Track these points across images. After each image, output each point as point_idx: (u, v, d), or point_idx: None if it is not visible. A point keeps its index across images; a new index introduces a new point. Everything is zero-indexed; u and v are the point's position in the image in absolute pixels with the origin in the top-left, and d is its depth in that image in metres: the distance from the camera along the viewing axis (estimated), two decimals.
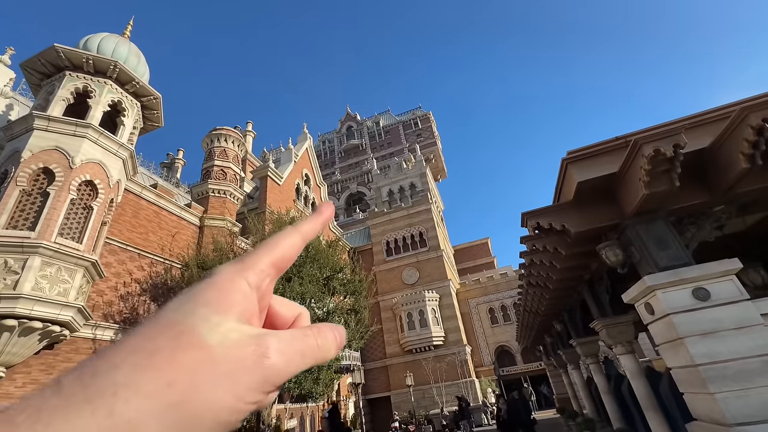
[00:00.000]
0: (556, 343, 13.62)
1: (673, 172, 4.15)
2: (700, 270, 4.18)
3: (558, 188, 5.72)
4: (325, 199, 27.62)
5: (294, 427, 17.03)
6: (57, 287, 8.25)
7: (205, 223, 14.76)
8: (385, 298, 28.99)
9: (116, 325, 10.59)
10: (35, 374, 8.51)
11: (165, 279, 12.44)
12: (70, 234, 8.87)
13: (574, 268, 7.05)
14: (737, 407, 3.56)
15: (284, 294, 10.51)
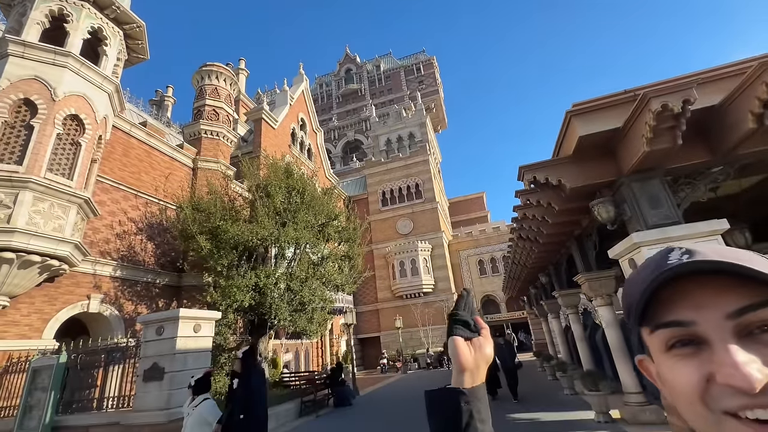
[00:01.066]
0: (540, 294, 14.30)
1: (678, 130, 4.06)
2: (688, 229, 4.26)
3: (558, 142, 5.61)
4: (321, 146, 27.00)
5: (289, 361, 18.30)
6: (51, 223, 8.26)
7: (198, 165, 14.48)
8: (378, 246, 29.67)
9: (114, 262, 10.81)
10: (39, 305, 8.84)
11: (160, 220, 12.48)
12: (60, 170, 8.68)
13: (566, 223, 7.16)
14: None
15: (279, 239, 10.66)
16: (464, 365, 0.63)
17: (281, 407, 9.96)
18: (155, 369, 6.05)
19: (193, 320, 6.52)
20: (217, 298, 9.92)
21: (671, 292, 0.40)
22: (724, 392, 0.36)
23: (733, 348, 0.36)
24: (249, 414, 3.75)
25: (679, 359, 0.39)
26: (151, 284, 11.92)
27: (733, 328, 0.37)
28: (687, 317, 0.39)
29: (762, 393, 0.34)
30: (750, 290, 0.37)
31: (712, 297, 0.38)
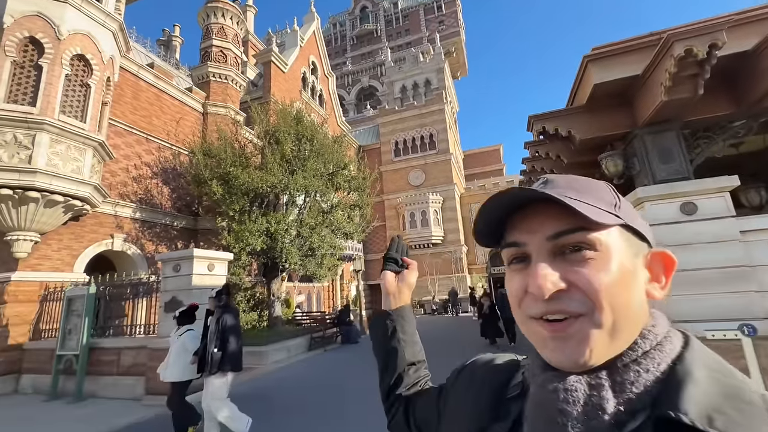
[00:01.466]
0: None
1: (700, 78, 3.79)
2: (696, 185, 4.14)
3: (573, 91, 5.32)
4: (332, 92, 26.11)
5: (302, 302, 19.49)
6: (70, 165, 8.55)
7: (207, 110, 14.35)
8: (390, 197, 29.78)
9: (133, 204, 11.27)
10: (67, 242, 9.48)
11: (174, 165, 12.72)
12: (72, 112, 8.78)
13: None
14: (686, 308, 3.94)
15: (288, 186, 10.83)
16: (389, 290, 0.81)
17: (293, 341, 10.83)
18: (174, 302, 6.58)
19: (207, 260, 6.93)
20: (230, 242, 10.41)
21: (519, 216, 0.46)
22: (530, 300, 0.43)
23: (540, 264, 0.42)
24: (223, 349, 4.04)
25: (514, 273, 0.46)
26: (169, 226, 12.49)
27: (550, 248, 0.43)
28: (521, 239, 0.45)
29: (551, 300, 0.41)
30: (568, 218, 0.42)
31: (540, 222, 0.44)
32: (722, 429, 0.34)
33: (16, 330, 8.15)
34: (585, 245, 0.42)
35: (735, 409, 0.35)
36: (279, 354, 9.95)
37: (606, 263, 0.41)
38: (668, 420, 0.36)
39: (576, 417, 0.38)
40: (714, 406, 0.36)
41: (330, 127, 23.66)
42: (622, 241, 0.43)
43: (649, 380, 0.40)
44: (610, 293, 0.40)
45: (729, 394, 0.37)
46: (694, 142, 4.65)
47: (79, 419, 5.65)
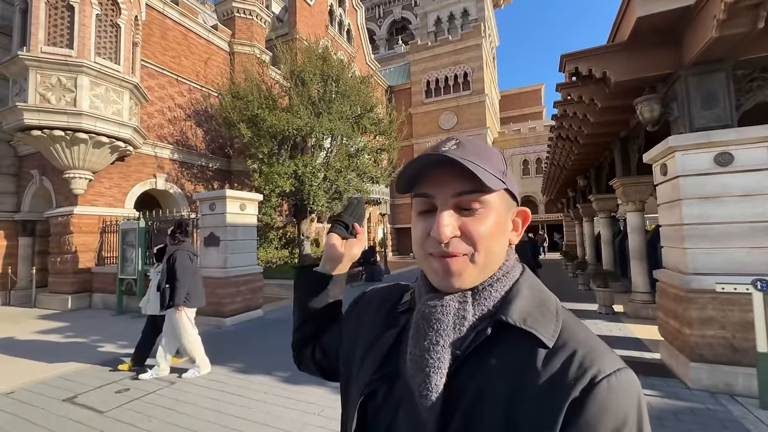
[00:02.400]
0: (577, 197, 13.97)
1: (762, 8, 3.32)
2: (736, 134, 3.83)
3: (615, 27, 4.81)
4: (361, 26, 24.57)
5: None
6: (111, 107, 9.03)
7: (234, 49, 14.15)
8: (419, 141, 29.10)
9: (170, 146, 11.90)
10: (116, 180, 10.37)
11: (205, 107, 13.02)
12: (107, 54, 9.04)
13: (610, 123, 6.59)
14: (701, 261, 3.90)
15: (314, 129, 10.89)
16: (332, 256, 0.78)
17: None
18: (212, 237, 7.26)
19: (239, 200, 7.43)
20: (261, 183, 10.92)
21: (428, 172, 0.56)
22: (431, 241, 0.55)
23: (442, 215, 0.54)
24: (172, 285, 4.22)
25: (420, 218, 0.58)
26: (205, 168, 13.18)
27: (454, 203, 0.55)
28: (431, 192, 0.56)
29: (447, 244, 0.54)
30: (470, 181, 0.52)
31: (448, 180, 0.54)
32: (530, 324, 0.52)
33: (83, 256, 9.38)
34: (478, 203, 0.54)
35: (540, 314, 0.53)
36: None
37: (488, 218, 0.54)
38: (501, 321, 0.53)
39: (447, 323, 0.54)
40: (528, 311, 0.53)
41: (358, 65, 22.72)
42: (501, 201, 0.56)
43: (497, 297, 0.56)
44: (487, 241, 0.54)
45: (538, 304, 0.55)
46: (747, 84, 4.18)
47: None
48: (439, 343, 0.52)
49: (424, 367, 0.51)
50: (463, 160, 0.51)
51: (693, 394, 3.65)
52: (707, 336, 3.81)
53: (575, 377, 0.46)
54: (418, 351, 0.53)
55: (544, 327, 0.51)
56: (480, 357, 0.52)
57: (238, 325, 7.01)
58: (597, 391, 0.45)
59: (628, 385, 0.47)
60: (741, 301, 3.68)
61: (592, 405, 0.44)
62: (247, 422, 3.24)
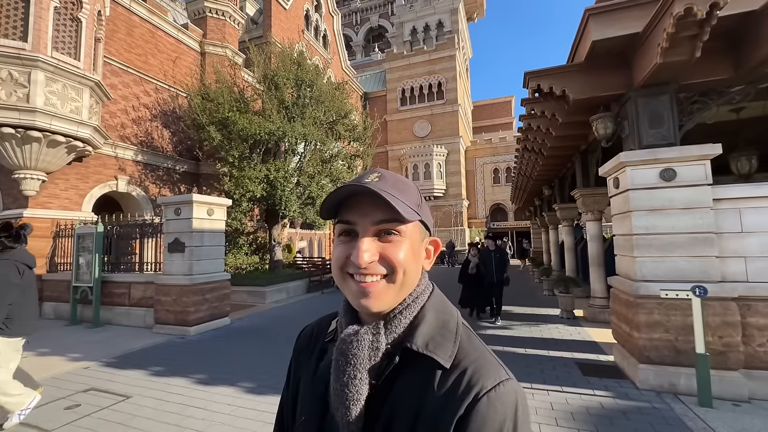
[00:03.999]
0: (543, 206, 14.57)
1: (698, 40, 3.67)
2: (679, 152, 4.18)
3: (573, 47, 5.13)
4: (338, 32, 24.64)
5: (304, 247, 20.26)
6: (68, 105, 8.55)
7: (205, 49, 13.80)
8: (394, 148, 29.41)
9: (134, 147, 11.38)
10: (73, 182, 9.79)
11: (173, 107, 12.58)
12: (65, 49, 8.57)
13: (571, 137, 6.96)
14: (648, 269, 4.20)
15: (286, 134, 10.78)
16: None
17: (292, 284, 11.52)
18: (177, 243, 7.00)
19: (206, 205, 7.22)
20: (231, 187, 10.65)
21: (352, 200, 0.61)
22: (351, 264, 0.59)
23: (363, 241, 0.58)
24: None
25: (341, 242, 0.62)
26: (172, 170, 12.70)
27: (373, 230, 0.59)
28: (353, 219, 0.60)
29: (365, 268, 0.58)
30: (389, 211, 0.57)
31: (369, 209, 0.59)
32: (431, 349, 0.57)
33: None
34: (394, 231, 0.59)
35: (441, 336, 0.59)
36: (278, 294, 10.67)
37: (404, 245, 0.59)
38: (407, 349, 0.57)
39: (362, 357, 0.57)
40: (431, 336, 0.58)
41: (334, 71, 22.72)
42: (416, 230, 0.62)
43: (405, 324, 0.60)
44: (403, 264, 0.59)
45: (441, 326, 0.60)
46: (689, 106, 4.57)
47: (99, 341, 6.34)
48: (356, 377, 0.55)
49: (344, 400, 0.55)
50: (382, 192, 0.56)
51: (641, 394, 3.89)
52: (654, 339, 4.09)
53: (462, 395, 0.51)
54: (339, 386, 0.56)
55: (443, 350, 0.56)
56: (391, 382, 0.56)
57: (203, 334, 6.77)
58: (478, 406, 0.50)
59: (506, 397, 0.52)
60: (682, 306, 3.98)
61: (475, 419, 0.50)
62: None
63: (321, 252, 22.25)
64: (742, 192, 4.04)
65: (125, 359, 5.35)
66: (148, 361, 5.26)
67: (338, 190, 0.59)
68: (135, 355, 5.58)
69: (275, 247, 12.42)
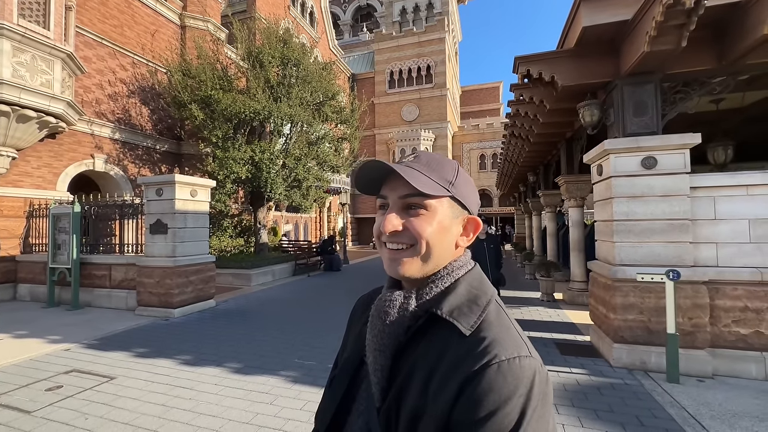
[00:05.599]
0: (528, 192, 14.81)
1: (685, 29, 3.71)
2: (660, 140, 4.29)
3: (564, 33, 5.12)
4: (325, 10, 23.86)
5: (289, 231, 20.11)
6: (38, 78, 8.07)
7: (185, 22, 13.16)
8: (381, 131, 29.13)
9: (111, 124, 10.90)
10: (46, 159, 9.35)
11: (152, 83, 12.05)
12: (33, 17, 8.01)
13: (558, 124, 7.04)
14: (627, 253, 4.36)
15: (272, 114, 10.51)
16: None
17: (278, 266, 11.48)
18: (159, 224, 6.84)
19: (189, 185, 7.05)
20: (215, 168, 10.39)
21: (388, 177, 0.66)
22: (382, 232, 0.65)
23: (390, 212, 0.64)
24: None
25: (379, 214, 0.68)
26: (152, 149, 12.28)
27: (401, 203, 0.65)
28: (385, 194, 0.67)
29: (392, 234, 0.64)
30: (409, 185, 0.61)
31: (397, 184, 0.64)
32: (455, 317, 0.59)
33: (6, 243, 8.43)
34: (419, 205, 0.63)
35: (468, 307, 0.61)
36: (264, 277, 10.63)
37: (430, 219, 0.63)
38: (433, 313, 0.61)
39: (392, 314, 0.63)
40: (457, 305, 0.61)
41: (321, 50, 22.08)
42: (446, 207, 0.65)
43: (437, 292, 0.64)
44: (428, 236, 0.63)
45: (470, 299, 0.63)
46: (672, 96, 4.66)
47: (80, 323, 6.22)
48: (385, 331, 0.62)
49: (373, 349, 0.62)
50: (401, 169, 0.61)
51: (614, 372, 4.10)
52: (628, 320, 4.28)
53: (473, 360, 0.53)
54: (371, 337, 0.64)
55: (466, 319, 0.59)
56: (416, 342, 0.61)
57: (188, 316, 6.72)
58: (487, 371, 0.51)
59: (520, 371, 0.51)
60: (657, 289, 4.17)
61: (481, 383, 0.51)
62: (194, 414, 3.17)
63: (307, 235, 22.16)
64: (717, 181, 4.20)
65: (108, 341, 5.28)
66: (132, 342, 5.21)
67: (366, 169, 0.65)
68: (118, 336, 5.51)
69: (260, 229, 12.28)
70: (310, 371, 4.13)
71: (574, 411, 3.23)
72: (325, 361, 4.41)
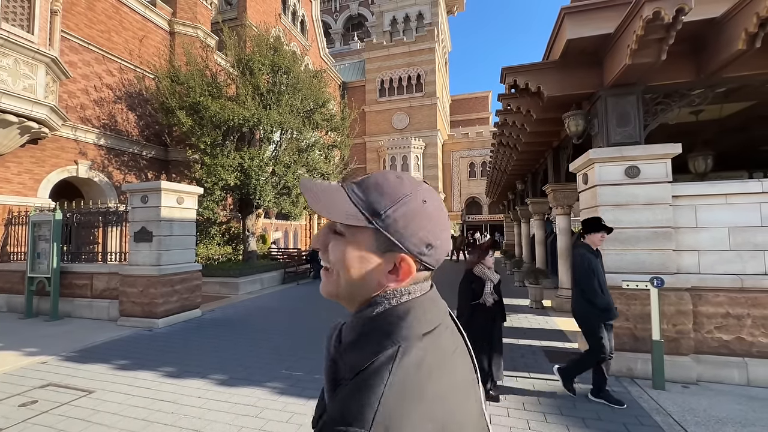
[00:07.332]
0: (516, 200, 14.99)
1: (665, 43, 3.83)
2: (643, 150, 4.39)
3: (549, 44, 5.24)
4: (316, 18, 24.04)
5: (279, 238, 19.91)
6: (21, 82, 7.90)
7: (174, 29, 13.10)
8: (372, 139, 29.26)
9: (96, 130, 10.71)
10: (27, 165, 9.10)
11: (139, 89, 11.90)
12: (17, 21, 7.88)
13: (545, 133, 7.16)
14: (613, 261, 4.42)
15: (261, 121, 10.47)
16: None
17: (266, 275, 11.33)
18: (144, 232, 6.70)
19: (176, 193, 6.93)
20: (202, 175, 10.27)
21: None
22: None
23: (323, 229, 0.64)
24: None
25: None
26: (138, 156, 12.08)
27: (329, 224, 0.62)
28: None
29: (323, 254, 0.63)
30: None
31: None
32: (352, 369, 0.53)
33: None
34: (341, 230, 0.59)
35: (364, 358, 0.55)
36: (252, 286, 10.47)
37: (346, 245, 0.58)
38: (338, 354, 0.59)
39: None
40: (355, 359, 0.54)
41: (312, 58, 22.19)
42: (367, 238, 0.57)
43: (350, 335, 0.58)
44: (340, 262, 0.59)
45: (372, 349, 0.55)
46: (653, 107, 4.79)
47: (58, 335, 6.01)
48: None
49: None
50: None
51: None
52: (615, 327, 4.32)
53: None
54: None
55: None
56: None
57: (173, 326, 6.56)
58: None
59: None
60: (642, 296, 4.23)
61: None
62: (176, 429, 3.07)
63: (297, 243, 21.97)
64: (698, 190, 4.31)
65: (87, 353, 5.11)
66: (113, 354, 5.05)
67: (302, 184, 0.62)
68: (98, 348, 5.34)
69: (249, 237, 12.13)
70: (298, 382, 4.05)
71: (562, 419, 3.23)
72: (312, 372, 4.34)
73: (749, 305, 4.03)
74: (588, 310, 3.57)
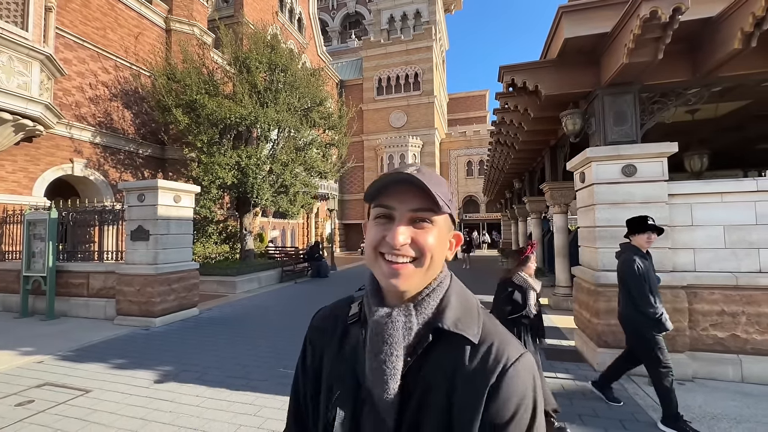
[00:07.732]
0: (513, 198, 15.03)
1: (661, 42, 3.85)
2: (640, 149, 4.41)
3: (547, 44, 5.25)
4: (313, 16, 23.94)
5: (276, 237, 19.87)
6: (15, 79, 7.83)
7: (170, 26, 13.00)
8: (369, 137, 29.22)
9: (92, 128, 10.63)
10: (22, 163, 9.03)
11: (135, 87, 11.82)
12: (10, 17, 7.79)
13: (542, 132, 7.17)
14: (609, 259, 4.43)
15: (258, 119, 10.43)
16: None
17: (264, 273, 11.31)
18: (141, 230, 6.67)
19: (172, 191, 6.90)
20: (200, 174, 10.22)
21: (392, 188, 0.64)
22: (385, 244, 0.63)
23: (400, 226, 0.63)
24: None
25: (378, 224, 0.66)
26: (134, 154, 12.01)
27: (409, 216, 0.63)
28: (392, 204, 0.64)
29: (399, 249, 0.62)
30: (425, 201, 0.62)
31: (408, 197, 0.63)
32: (461, 328, 0.62)
33: None
34: (427, 220, 0.64)
35: (468, 317, 0.64)
36: (250, 284, 10.45)
37: (434, 233, 0.64)
38: (438, 328, 0.62)
39: (397, 336, 0.61)
40: (458, 317, 0.63)
41: (309, 56, 22.11)
42: (445, 222, 0.66)
43: (433, 306, 0.64)
44: (432, 249, 0.63)
45: (465, 309, 0.66)
46: (650, 106, 4.81)
47: (55, 334, 5.98)
48: (393, 354, 0.60)
49: (382, 375, 0.60)
50: (424, 183, 0.61)
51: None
52: (611, 324, 4.35)
53: (492, 366, 0.58)
54: (377, 363, 0.61)
55: (471, 328, 0.62)
56: (424, 359, 0.62)
57: (170, 325, 6.54)
58: (508, 375, 0.58)
59: (524, 370, 0.59)
60: None
61: (506, 386, 0.57)
62: (175, 428, 3.07)
63: (294, 241, 21.94)
64: (693, 188, 4.34)
65: (84, 352, 5.09)
66: (110, 353, 5.03)
67: (385, 176, 0.64)
68: (95, 347, 5.31)
69: (246, 236, 12.10)
70: None
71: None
72: None
73: (744, 303, 4.07)
74: (639, 319, 3.25)
